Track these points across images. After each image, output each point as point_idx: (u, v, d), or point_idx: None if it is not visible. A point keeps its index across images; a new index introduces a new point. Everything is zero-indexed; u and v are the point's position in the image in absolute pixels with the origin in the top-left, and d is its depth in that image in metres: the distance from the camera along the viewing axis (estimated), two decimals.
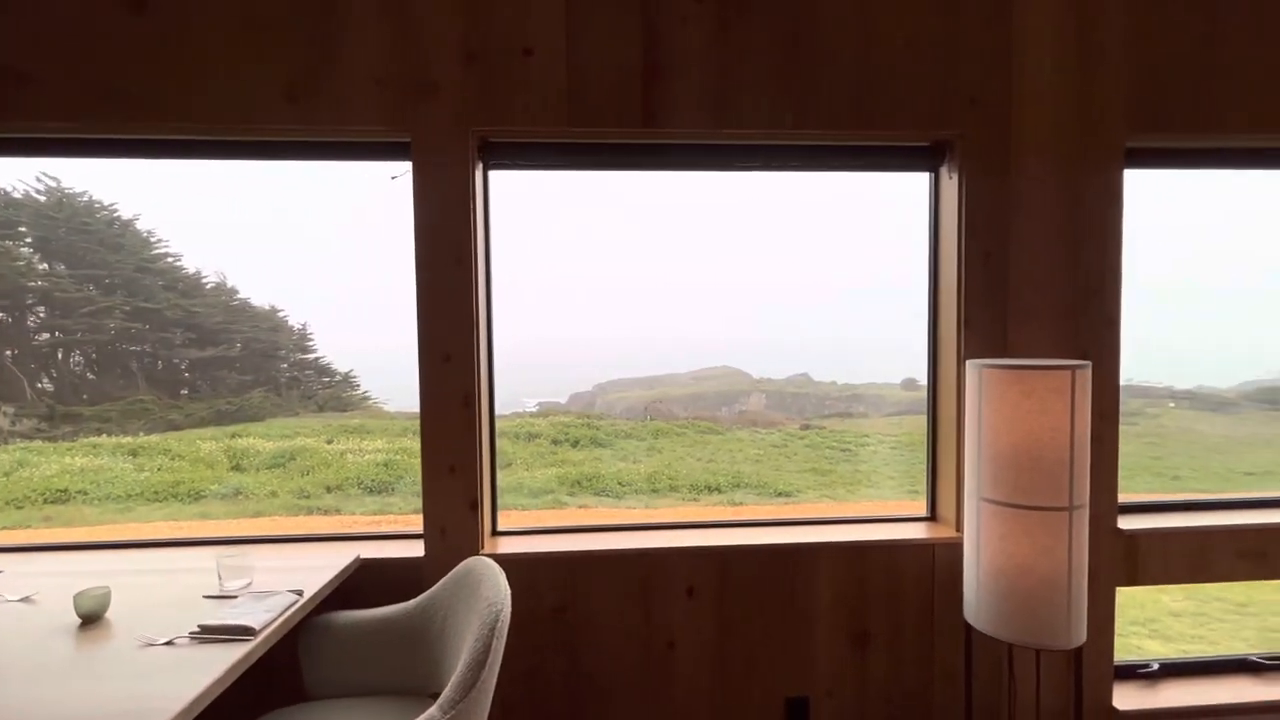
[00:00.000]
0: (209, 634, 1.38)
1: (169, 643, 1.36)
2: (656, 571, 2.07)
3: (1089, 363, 1.77)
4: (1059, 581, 1.76)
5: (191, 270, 5.80)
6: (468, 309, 1.99)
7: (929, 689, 2.14)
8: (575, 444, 6.39)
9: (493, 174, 2.14)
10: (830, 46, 2.03)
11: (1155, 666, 2.33)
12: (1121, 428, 2.21)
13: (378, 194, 2.14)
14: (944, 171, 2.17)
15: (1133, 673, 2.32)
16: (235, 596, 1.59)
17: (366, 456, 5.62)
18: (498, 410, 2.24)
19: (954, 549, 2.11)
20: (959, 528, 2.11)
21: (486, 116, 1.97)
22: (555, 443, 6.35)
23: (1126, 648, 3.87)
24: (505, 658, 2.00)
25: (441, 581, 1.76)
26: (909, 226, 2.31)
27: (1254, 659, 2.37)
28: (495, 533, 2.17)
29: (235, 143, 2.05)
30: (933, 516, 2.27)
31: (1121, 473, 2.22)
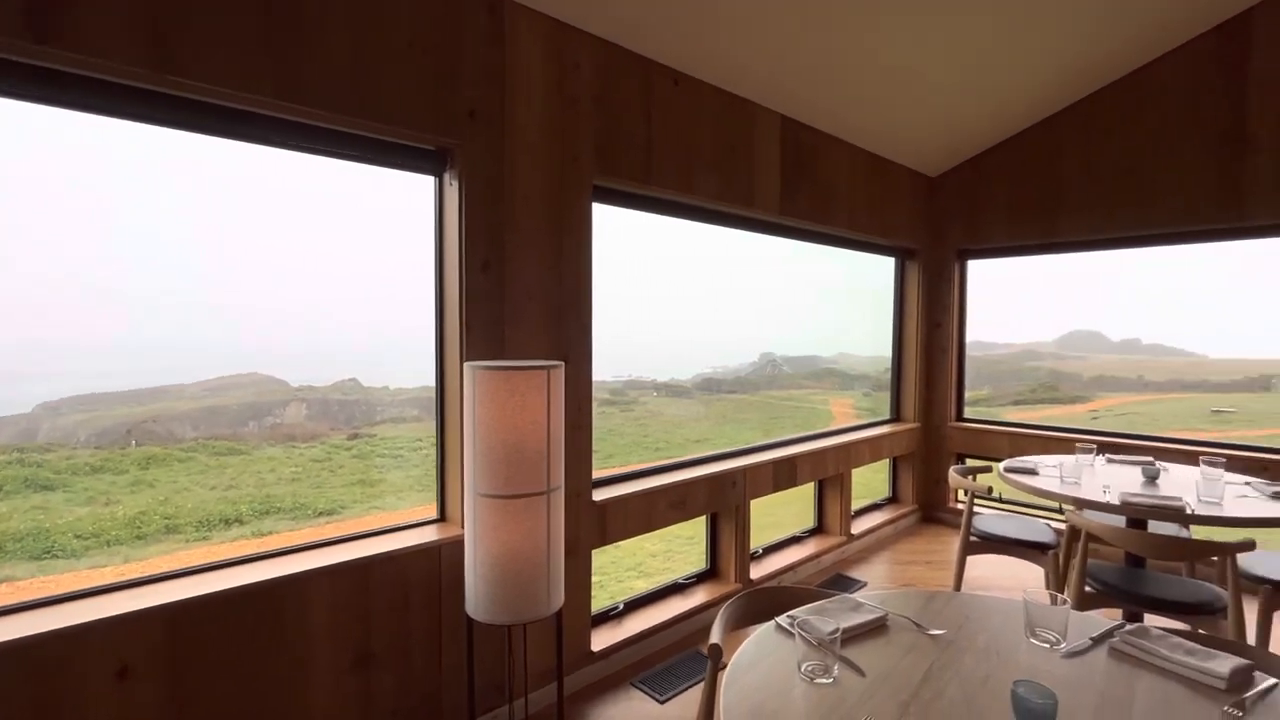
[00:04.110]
0: None
1: None
2: (64, 660, 1.50)
3: (562, 363, 2.04)
4: (540, 559, 1.97)
5: None
6: None
7: (438, 691, 2.15)
8: None
9: None
10: (322, 20, 1.83)
11: (621, 607, 2.90)
12: (621, 413, 2.65)
13: None
14: (447, 178, 2.22)
15: (606, 617, 2.84)
16: None
17: None
18: None
19: (460, 547, 2.17)
20: (465, 525, 2.19)
21: None
22: None
23: (623, 590, 4.82)
24: None
25: None
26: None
27: (680, 581, 3.20)
28: None
29: None
30: (443, 517, 2.30)
31: (620, 448, 2.66)
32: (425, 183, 2.25)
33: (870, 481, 5.13)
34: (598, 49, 2.51)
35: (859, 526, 4.20)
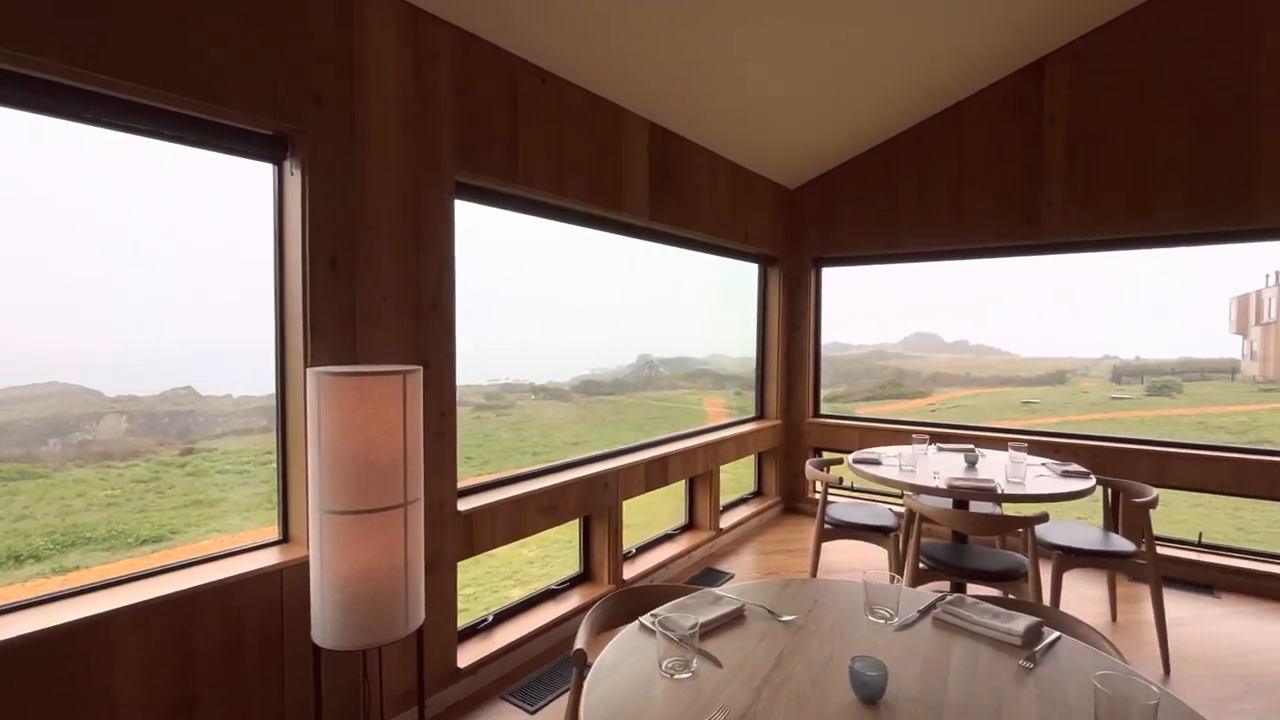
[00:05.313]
0: None
1: None
2: None
3: (421, 367, 1.93)
4: (397, 576, 1.85)
5: None
6: None
7: None
8: None
9: None
10: None
11: (490, 619, 2.80)
12: (498, 417, 2.54)
13: None
14: (288, 166, 2.02)
15: (473, 631, 2.73)
16: None
17: None
18: None
19: (306, 569, 1.99)
20: (310, 545, 2.01)
21: None
22: None
23: (499, 600, 4.66)
24: None
25: None
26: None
27: (553, 587, 3.15)
28: None
29: None
30: (286, 538, 2.09)
31: (497, 454, 2.54)
32: (265, 169, 2.04)
33: (742, 477, 5.37)
34: (458, 39, 2.41)
35: (727, 520, 4.38)
